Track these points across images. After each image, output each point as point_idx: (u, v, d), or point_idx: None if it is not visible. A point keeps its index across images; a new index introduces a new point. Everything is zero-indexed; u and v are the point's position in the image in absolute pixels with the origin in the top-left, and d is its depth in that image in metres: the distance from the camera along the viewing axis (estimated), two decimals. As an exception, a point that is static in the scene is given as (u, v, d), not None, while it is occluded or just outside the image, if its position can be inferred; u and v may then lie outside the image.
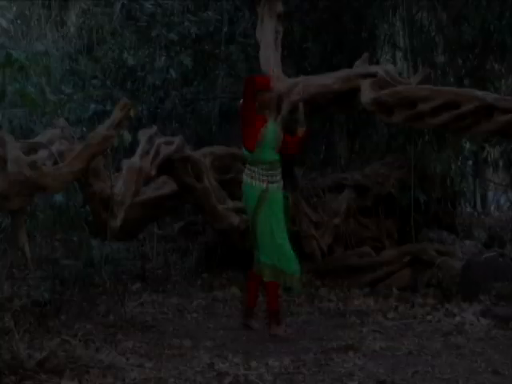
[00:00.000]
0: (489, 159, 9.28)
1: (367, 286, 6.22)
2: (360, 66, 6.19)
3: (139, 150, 5.22)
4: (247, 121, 4.82)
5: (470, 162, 8.99)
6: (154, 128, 5.63)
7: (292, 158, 5.57)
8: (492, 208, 10.46)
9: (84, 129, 6.46)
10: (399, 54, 9.24)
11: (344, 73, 6.25)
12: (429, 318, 5.24)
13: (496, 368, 3.98)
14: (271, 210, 4.77)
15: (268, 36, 6.77)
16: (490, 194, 10.65)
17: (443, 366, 4.04)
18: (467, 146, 8.04)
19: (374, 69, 6.04)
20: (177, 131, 8.69)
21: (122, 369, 3.87)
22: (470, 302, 5.51)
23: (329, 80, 6.15)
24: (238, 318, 5.27)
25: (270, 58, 6.60)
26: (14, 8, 11.03)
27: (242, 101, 4.86)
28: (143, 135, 5.42)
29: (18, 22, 10.90)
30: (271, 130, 4.83)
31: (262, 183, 4.78)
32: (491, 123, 5.19)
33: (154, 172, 5.23)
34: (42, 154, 4.02)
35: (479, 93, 5.36)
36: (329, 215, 6.78)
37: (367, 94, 5.73)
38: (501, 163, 9.07)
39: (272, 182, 4.81)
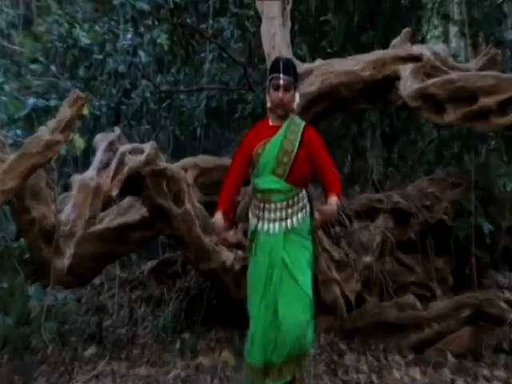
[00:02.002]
0: None
1: (411, 350, 6.21)
2: (399, 46, 6.24)
3: (96, 162, 5.24)
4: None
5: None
6: (117, 131, 5.66)
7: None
8: None
9: (19, 132, 6.49)
10: (453, 29, 9.33)
11: (377, 55, 6.31)
12: (498, 396, 5.24)
13: None
14: (256, 260, 4.51)
15: (272, 5, 6.82)
16: None
17: None
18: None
19: (417, 50, 6.09)
20: (148, 135, 8.76)
21: None
22: (555, 373, 5.50)
23: (356, 65, 6.21)
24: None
25: (275, 35, 6.66)
26: None
27: None
28: (102, 141, 5.44)
29: None
30: (272, 146, 4.47)
31: (254, 219, 4.55)
32: None
33: (115, 191, 5.24)
34: (-39, 167, 4.04)
35: None
36: (357, 251, 6.79)
37: (409, 84, 5.77)
38: None
39: (266, 220, 4.48)
